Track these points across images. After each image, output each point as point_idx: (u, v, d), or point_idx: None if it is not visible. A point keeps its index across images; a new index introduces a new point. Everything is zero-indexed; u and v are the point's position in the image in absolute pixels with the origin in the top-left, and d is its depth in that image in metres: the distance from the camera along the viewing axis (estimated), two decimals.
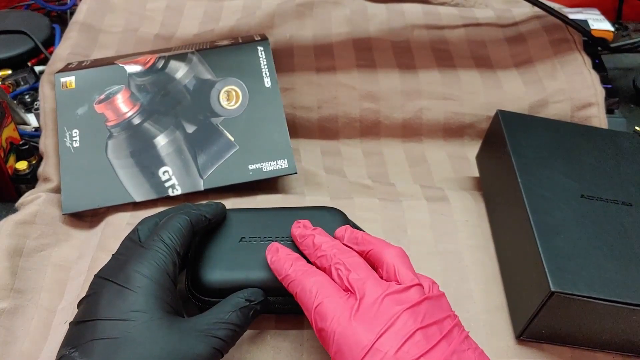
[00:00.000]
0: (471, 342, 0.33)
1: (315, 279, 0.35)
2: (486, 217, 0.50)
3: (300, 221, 0.40)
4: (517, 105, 0.59)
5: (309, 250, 0.38)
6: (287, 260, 0.37)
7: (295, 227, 0.40)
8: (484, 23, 0.66)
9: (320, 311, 0.33)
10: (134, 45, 0.62)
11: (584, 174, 0.46)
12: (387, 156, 0.59)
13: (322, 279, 0.35)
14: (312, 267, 0.36)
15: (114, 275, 0.34)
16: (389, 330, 0.31)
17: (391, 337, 0.31)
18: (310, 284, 0.34)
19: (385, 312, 0.32)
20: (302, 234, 0.39)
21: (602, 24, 0.71)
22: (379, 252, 0.36)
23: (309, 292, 0.34)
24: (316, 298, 0.33)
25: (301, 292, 0.34)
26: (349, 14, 0.65)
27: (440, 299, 0.34)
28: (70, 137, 0.51)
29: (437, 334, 0.31)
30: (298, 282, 0.35)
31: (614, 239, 0.41)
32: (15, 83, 0.66)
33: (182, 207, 0.41)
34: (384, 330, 0.31)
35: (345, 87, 0.60)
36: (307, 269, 0.36)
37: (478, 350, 0.33)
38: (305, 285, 0.34)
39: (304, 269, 0.36)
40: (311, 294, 0.34)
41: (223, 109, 0.53)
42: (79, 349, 0.31)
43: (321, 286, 0.34)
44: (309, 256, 0.38)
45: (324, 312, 0.33)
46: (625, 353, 0.40)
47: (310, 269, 0.36)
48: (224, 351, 0.34)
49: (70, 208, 0.49)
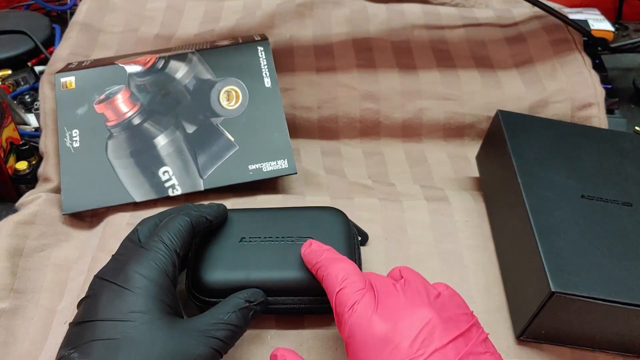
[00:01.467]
0: (490, 345, 0.33)
1: (342, 265, 0.35)
2: (486, 217, 0.50)
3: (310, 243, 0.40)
4: (517, 105, 0.59)
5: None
6: (319, 249, 0.37)
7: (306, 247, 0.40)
8: (484, 23, 0.66)
9: (340, 296, 0.34)
10: (134, 45, 0.62)
11: (584, 174, 0.46)
12: (387, 156, 0.59)
13: (349, 267, 0.35)
14: (342, 256, 0.37)
15: (113, 276, 0.34)
16: (404, 322, 0.31)
17: (405, 328, 0.31)
18: (336, 270, 0.35)
19: (403, 305, 0.32)
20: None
21: (602, 24, 0.71)
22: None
23: (334, 277, 0.35)
24: (340, 284, 0.34)
25: (327, 276, 0.35)
26: (349, 14, 0.65)
27: (455, 297, 0.35)
28: (70, 137, 0.51)
29: (454, 330, 0.31)
30: (325, 267, 0.36)
31: (614, 239, 0.41)
32: (15, 83, 0.66)
33: (183, 207, 0.41)
34: (399, 321, 0.31)
35: (345, 87, 0.60)
36: (336, 257, 0.37)
37: (496, 354, 0.32)
38: (332, 271, 0.35)
39: (334, 257, 0.37)
40: (336, 279, 0.34)
41: (223, 109, 0.53)
42: (79, 349, 0.31)
43: (346, 273, 0.35)
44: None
45: (344, 298, 0.33)
46: (625, 353, 0.40)
47: (339, 257, 0.37)
48: (223, 352, 0.34)
49: (70, 208, 0.49)
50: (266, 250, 0.40)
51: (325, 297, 0.39)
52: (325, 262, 0.36)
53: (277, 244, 0.40)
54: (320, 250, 0.37)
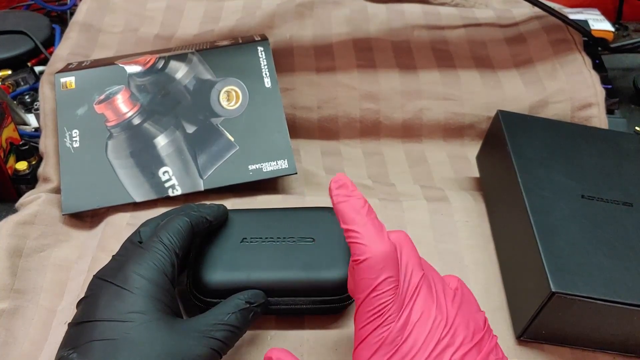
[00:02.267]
0: (499, 350, 0.32)
1: (384, 252, 0.31)
2: (486, 217, 0.50)
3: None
4: (517, 105, 0.59)
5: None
6: (352, 211, 0.33)
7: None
8: (484, 23, 0.66)
9: (370, 300, 0.31)
10: (134, 45, 0.62)
11: (584, 174, 0.46)
12: (387, 156, 0.59)
13: (391, 258, 0.31)
14: (382, 235, 0.32)
15: (112, 276, 0.34)
16: (419, 333, 0.30)
17: (420, 325, 0.30)
18: (375, 261, 0.31)
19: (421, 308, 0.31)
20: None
21: (602, 24, 0.71)
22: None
23: (371, 270, 0.31)
24: (377, 285, 0.31)
25: (365, 263, 0.31)
26: (349, 14, 0.65)
27: (468, 295, 0.34)
28: (70, 137, 0.51)
29: (469, 338, 0.31)
30: (363, 251, 0.31)
31: (615, 239, 0.41)
32: (15, 83, 0.66)
33: (184, 208, 0.41)
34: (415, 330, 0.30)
35: (345, 87, 0.60)
36: (376, 235, 0.32)
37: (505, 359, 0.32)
38: (371, 262, 0.31)
39: (373, 234, 0.32)
40: (372, 273, 0.31)
41: (223, 109, 0.53)
42: (78, 350, 0.31)
43: (386, 270, 0.31)
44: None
45: (373, 302, 0.31)
46: (625, 353, 0.40)
47: (379, 236, 0.32)
48: (223, 352, 0.34)
49: (70, 208, 0.49)
50: (267, 250, 0.40)
51: (326, 298, 0.39)
52: (364, 238, 0.31)
53: (279, 245, 0.40)
54: (353, 215, 0.32)
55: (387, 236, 0.32)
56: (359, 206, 0.33)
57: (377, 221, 0.33)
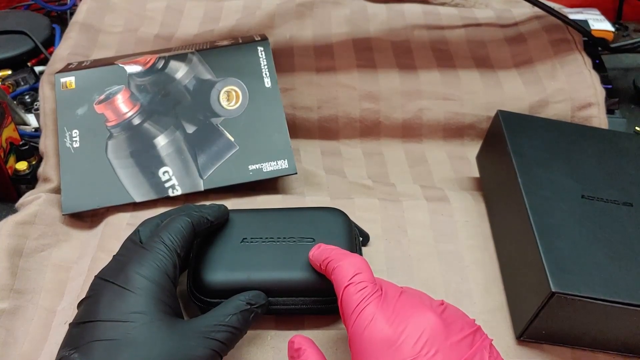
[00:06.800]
0: (494, 351, 0.32)
1: (355, 260, 0.35)
2: (486, 217, 0.50)
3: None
4: (517, 105, 0.59)
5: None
6: (329, 247, 0.37)
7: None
8: (484, 23, 0.66)
9: (348, 290, 0.33)
10: (134, 45, 0.62)
11: (585, 174, 0.46)
12: (387, 156, 0.59)
13: (362, 263, 0.35)
14: (354, 253, 0.37)
15: (114, 277, 0.34)
16: (408, 324, 0.31)
17: (409, 329, 0.31)
18: (347, 264, 0.35)
19: (408, 308, 0.32)
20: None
21: (602, 24, 0.71)
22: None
23: (345, 270, 0.34)
24: (351, 278, 0.34)
25: (337, 269, 0.35)
26: (349, 14, 0.65)
27: (456, 309, 0.35)
28: (70, 137, 0.51)
29: (457, 334, 0.31)
30: (337, 260, 0.35)
31: (615, 239, 0.41)
32: (15, 83, 0.66)
33: (184, 208, 0.41)
34: (403, 323, 0.31)
35: (345, 87, 0.60)
36: (348, 253, 0.36)
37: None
38: (344, 264, 0.35)
39: (345, 252, 0.36)
40: (347, 272, 0.34)
41: (223, 109, 0.53)
42: (79, 350, 0.31)
43: (358, 268, 0.34)
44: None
45: (352, 293, 0.33)
46: (625, 353, 0.40)
47: (350, 253, 0.36)
48: (223, 353, 0.34)
49: (70, 208, 0.49)
50: (268, 250, 0.40)
51: (326, 298, 0.39)
52: (337, 256, 0.36)
53: (279, 245, 0.40)
54: (330, 248, 0.37)
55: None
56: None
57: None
